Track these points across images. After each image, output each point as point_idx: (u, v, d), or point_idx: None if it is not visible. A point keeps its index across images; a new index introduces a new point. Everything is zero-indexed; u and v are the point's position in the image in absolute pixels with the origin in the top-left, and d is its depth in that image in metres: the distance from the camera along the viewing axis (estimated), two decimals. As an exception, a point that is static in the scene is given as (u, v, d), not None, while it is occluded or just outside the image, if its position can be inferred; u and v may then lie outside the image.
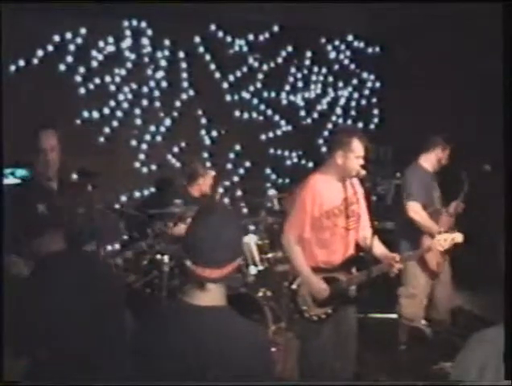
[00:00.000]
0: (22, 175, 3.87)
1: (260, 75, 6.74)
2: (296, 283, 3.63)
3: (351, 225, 3.62)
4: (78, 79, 5.85)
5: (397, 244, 4.46)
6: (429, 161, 4.72)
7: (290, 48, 6.84)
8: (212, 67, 6.48)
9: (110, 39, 5.96)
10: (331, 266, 3.60)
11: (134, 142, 6.19)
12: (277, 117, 6.88)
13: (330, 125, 7.17)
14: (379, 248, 3.63)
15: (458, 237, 3.75)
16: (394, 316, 4.99)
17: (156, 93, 6.24)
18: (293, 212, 3.63)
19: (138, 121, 6.19)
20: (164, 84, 6.27)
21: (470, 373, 1.80)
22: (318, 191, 3.54)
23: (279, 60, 6.83)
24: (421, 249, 4.24)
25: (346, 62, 7.19)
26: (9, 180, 4.13)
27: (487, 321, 1.91)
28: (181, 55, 6.31)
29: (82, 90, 5.88)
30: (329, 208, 3.55)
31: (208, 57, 6.44)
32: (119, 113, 6.08)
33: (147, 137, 6.24)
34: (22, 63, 5.56)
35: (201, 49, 6.40)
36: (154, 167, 6.30)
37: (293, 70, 6.92)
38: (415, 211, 4.54)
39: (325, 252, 3.61)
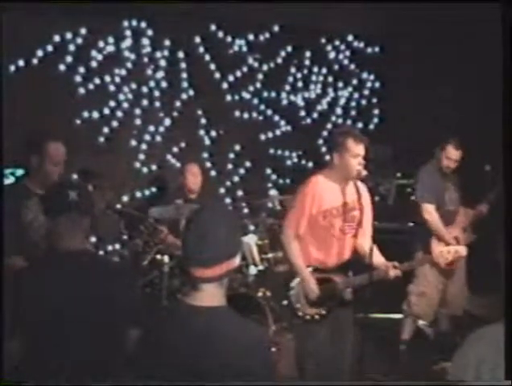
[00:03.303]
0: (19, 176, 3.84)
1: (260, 76, 6.73)
2: (295, 281, 3.63)
3: (347, 229, 3.62)
4: (78, 79, 5.84)
5: (410, 245, 4.50)
6: (441, 161, 4.71)
7: (290, 48, 6.84)
8: (212, 67, 6.47)
9: (110, 39, 5.95)
10: (325, 267, 3.61)
11: (133, 142, 6.18)
12: (277, 117, 6.88)
13: (330, 126, 7.17)
14: (376, 257, 3.61)
15: (462, 250, 3.69)
16: (394, 316, 5.00)
17: (156, 93, 6.23)
18: (292, 209, 3.67)
19: (138, 121, 6.18)
20: (164, 84, 6.26)
21: (467, 371, 1.81)
22: (318, 190, 3.56)
23: (279, 60, 6.82)
24: (419, 260, 4.26)
25: (346, 62, 7.19)
26: (9, 180, 4.14)
27: (488, 321, 1.90)
28: (181, 55, 6.30)
29: (82, 90, 5.87)
30: (327, 208, 3.56)
31: (207, 57, 6.44)
32: (119, 113, 6.07)
33: (147, 137, 6.24)
34: (21, 63, 5.55)
35: (201, 49, 6.40)
36: (154, 167, 6.30)
37: (293, 70, 6.91)
38: (429, 211, 4.58)
39: (320, 251, 3.62)
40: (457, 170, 4.79)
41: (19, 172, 4.06)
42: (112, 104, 6.02)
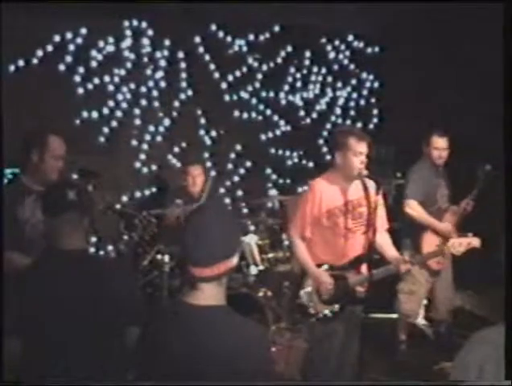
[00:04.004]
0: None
1: (259, 75, 6.73)
2: (307, 279, 3.64)
3: (354, 227, 3.62)
4: (78, 79, 5.84)
5: (399, 243, 4.49)
6: (431, 155, 4.70)
7: (289, 48, 6.84)
8: (212, 67, 6.47)
9: (110, 39, 5.95)
10: (335, 266, 3.61)
11: (133, 142, 6.18)
12: (276, 117, 6.87)
13: (329, 125, 7.16)
14: (390, 250, 3.63)
15: (475, 241, 3.63)
16: (394, 316, 4.99)
17: (156, 93, 6.23)
18: (296, 212, 3.72)
19: (138, 121, 6.18)
20: (164, 83, 6.26)
21: (469, 373, 1.80)
22: (319, 192, 3.59)
23: (279, 60, 6.82)
24: (432, 252, 4.25)
25: (346, 62, 7.19)
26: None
27: (488, 321, 1.90)
28: (181, 55, 6.30)
29: (81, 90, 5.87)
30: (329, 208, 3.57)
31: (207, 57, 6.43)
32: (118, 113, 6.07)
33: (147, 137, 6.23)
34: (21, 63, 5.55)
35: (201, 49, 6.40)
36: (154, 167, 6.29)
37: (292, 70, 6.91)
38: (412, 207, 4.59)
39: (327, 252, 3.64)
40: (449, 168, 4.79)
41: (18, 171, 4.06)
42: (112, 104, 6.02)
